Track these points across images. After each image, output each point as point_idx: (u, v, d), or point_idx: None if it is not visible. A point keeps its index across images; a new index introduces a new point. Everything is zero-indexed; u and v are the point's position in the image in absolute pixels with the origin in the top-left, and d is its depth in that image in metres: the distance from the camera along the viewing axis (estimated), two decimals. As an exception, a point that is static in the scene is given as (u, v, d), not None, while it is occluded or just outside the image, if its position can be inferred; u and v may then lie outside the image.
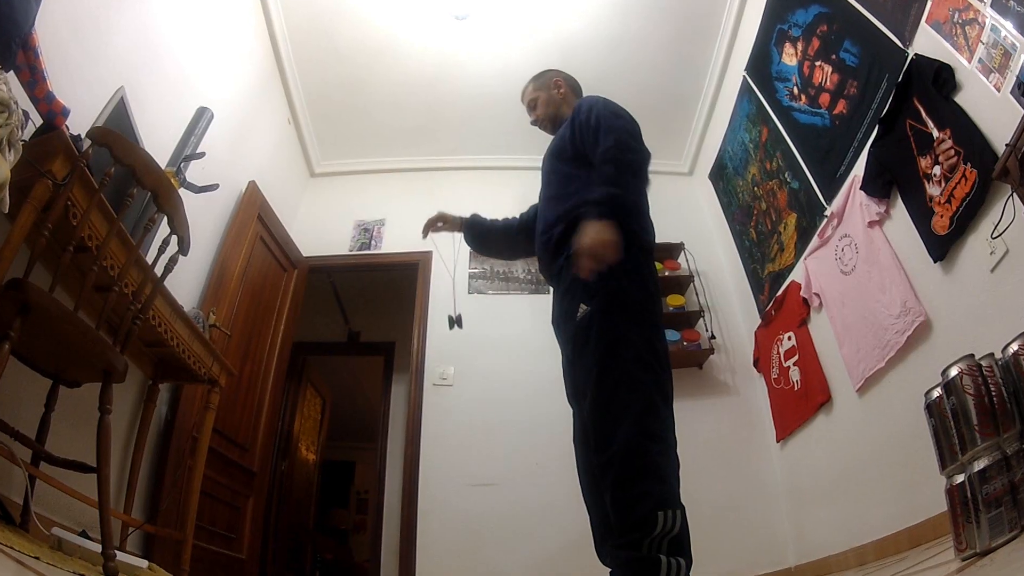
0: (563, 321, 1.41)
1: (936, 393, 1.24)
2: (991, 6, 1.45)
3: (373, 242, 3.54)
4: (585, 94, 1.79)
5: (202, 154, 2.05)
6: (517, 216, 1.81)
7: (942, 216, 1.62)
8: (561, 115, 1.73)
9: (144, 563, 1.49)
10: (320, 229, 3.55)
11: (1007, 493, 1.04)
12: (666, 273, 3.21)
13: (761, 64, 2.78)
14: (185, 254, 1.46)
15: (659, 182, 3.64)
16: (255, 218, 2.82)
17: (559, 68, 1.88)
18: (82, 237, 1.18)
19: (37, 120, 1.41)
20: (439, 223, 1.80)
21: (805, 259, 2.45)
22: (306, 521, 4.31)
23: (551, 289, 1.56)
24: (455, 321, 1.84)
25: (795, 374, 2.52)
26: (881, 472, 1.94)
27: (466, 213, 1.85)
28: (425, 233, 1.79)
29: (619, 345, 1.25)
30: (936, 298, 1.70)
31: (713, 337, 3.04)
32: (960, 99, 1.56)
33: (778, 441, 2.70)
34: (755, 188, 2.97)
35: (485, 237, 1.82)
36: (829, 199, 2.29)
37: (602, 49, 3.17)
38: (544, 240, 1.53)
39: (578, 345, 1.33)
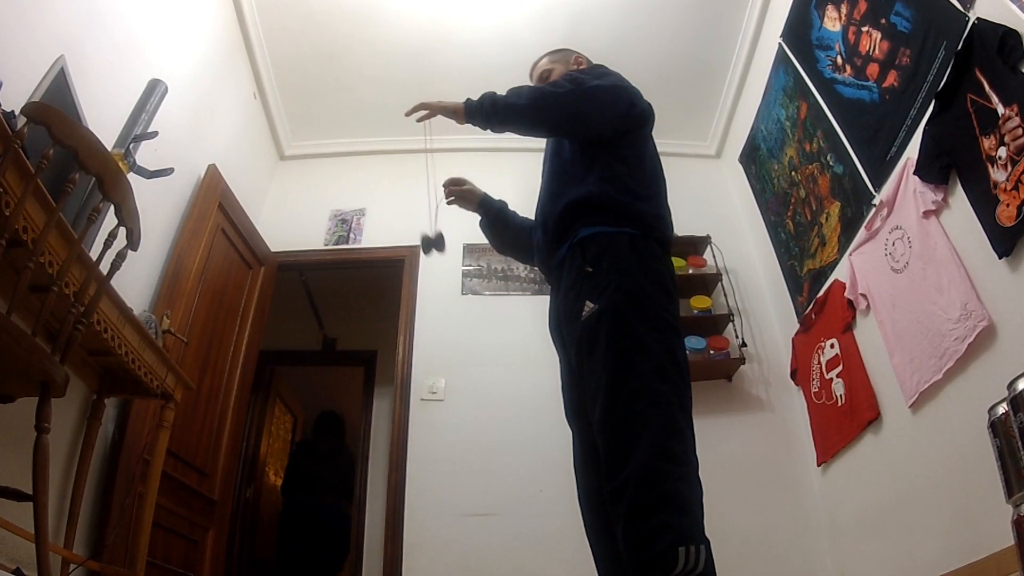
0: (566, 322, 1.40)
1: (1001, 409, 1.24)
2: (1065, -37, 1.45)
3: (352, 235, 3.54)
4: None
5: (155, 134, 2.05)
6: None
7: (1008, 205, 1.62)
8: None
9: (87, 605, 1.49)
10: (291, 220, 3.56)
11: (1083, 525, 1.04)
12: (690, 271, 3.21)
13: (800, 29, 2.78)
14: (135, 249, 1.46)
15: (682, 166, 3.72)
16: (216, 207, 2.82)
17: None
18: (16, 229, 1.18)
19: (-36, 94, 1.41)
20: (459, 187, 1.77)
21: (850, 255, 2.45)
22: (274, 556, 4.31)
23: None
24: (432, 243, 1.72)
25: (839, 387, 2.52)
26: (937, 500, 1.94)
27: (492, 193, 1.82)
28: (451, 191, 1.77)
29: (636, 352, 1.25)
30: (1001, 299, 1.70)
31: (744, 344, 3.04)
32: (1029, 70, 1.56)
33: (819, 465, 2.70)
34: (792, 173, 2.97)
35: (506, 235, 1.78)
36: (878, 186, 2.29)
37: (617, 12, 3.17)
38: (542, 226, 1.54)
39: (584, 350, 1.32)
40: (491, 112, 1.52)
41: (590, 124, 1.52)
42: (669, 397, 1.23)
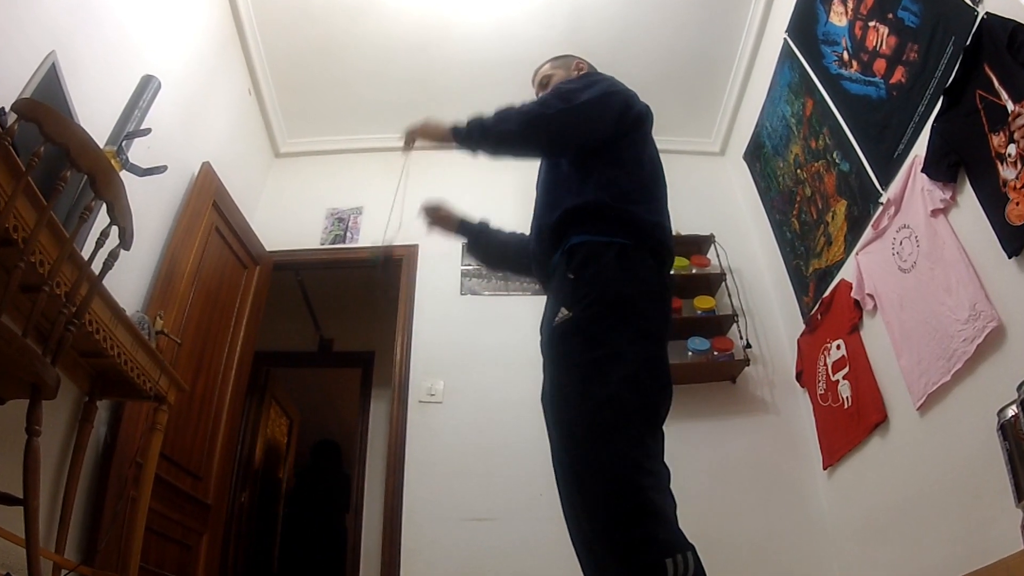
0: (544, 326, 1.39)
1: (1011, 411, 1.24)
2: (1075, -44, 1.45)
3: (349, 234, 3.54)
4: (600, 66, 1.81)
5: (148, 131, 2.05)
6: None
7: (1018, 203, 1.62)
8: None
9: (79, 612, 1.49)
10: (286, 219, 3.56)
11: (1095, 529, 1.04)
12: (693, 271, 3.21)
13: (805, 24, 2.78)
14: (127, 248, 1.46)
15: (686, 163, 3.73)
16: (210, 206, 2.83)
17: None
18: (6, 228, 1.18)
19: (-47, 91, 1.41)
20: (437, 213, 1.78)
21: (857, 254, 2.45)
22: (270, 562, 4.31)
23: None
24: (378, 262, 1.74)
25: (845, 389, 2.52)
26: (946, 504, 1.94)
27: (468, 209, 1.83)
28: (429, 217, 1.78)
29: (608, 361, 1.22)
30: (1011, 300, 1.70)
31: (748, 346, 3.04)
32: (1039, 66, 1.56)
33: (825, 468, 2.70)
34: (798, 170, 2.97)
35: (494, 251, 1.81)
36: (885, 183, 2.30)
37: (619, 7, 3.17)
38: (537, 236, 1.54)
39: (553, 355, 1.31)
40: (481, 139, 1.52)
41: (583, 140, 1.52)
42: (637, 407, 1.20)
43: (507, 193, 1.97)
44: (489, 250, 1.81)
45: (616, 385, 1.20)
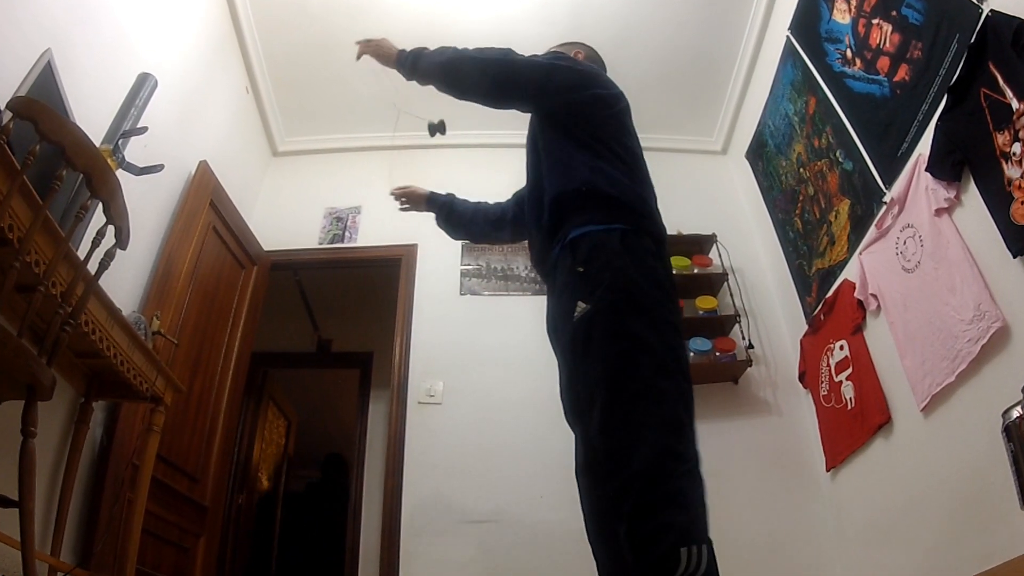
0: (560, 322, 1.40)
1: (1016, 412, 1.24)
2: (1081, -47, 1.45)
3: (347, 234, 3.54)
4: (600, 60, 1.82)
5: (144, 129, 2.05)
6: (506, 201, 1.88)
7: (1023, 203, 1.62)
8: None
9: (75, 615, 1.49)
10: (284, 218, 3.56)
11: (1100, 531, 1.04)
12: (695, 270, 3.21)
13: (808, 22, 2.79)
14: (124, 248, 1.46)
15: (687, 162, 3.74)
16: (207, 205, 2.82)
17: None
18: (1, 228, 1.18)
19: (-52, 89, 1.41)
20: (406, 192, 1.93)
21: (860, 254, 2.45)
22: (268, 564, 4.31)
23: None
24: (437, 127, 1.86)
25: (848, 390, 2.52)
26: (950, 506, 1.94)
27: (443, 190, 1.93)
28: (400, 198, 1.94)
29: (636, 351, 1.25)
30: (1016, 300, 1.70)
31: (751, 346, 3.04)
32: (1044, 64, 1.56)
33: (828, 470, 2.70)
34: (801, 169, 2.97)
35: (455, 220, 1.92)
36: (889, 182, 2.29)
37: (620, 4, 3.17)
38: (535, 226, 1.54)
39: (578, 350, 1.31)
40: (414, 65, 1.66)
41: (510, 94, 1.60)
42: (672, 394, 1.23)
43: (504, 190, 1.98)
44: (451, 219, 1.93)
45: (649, 374, 1.23)
